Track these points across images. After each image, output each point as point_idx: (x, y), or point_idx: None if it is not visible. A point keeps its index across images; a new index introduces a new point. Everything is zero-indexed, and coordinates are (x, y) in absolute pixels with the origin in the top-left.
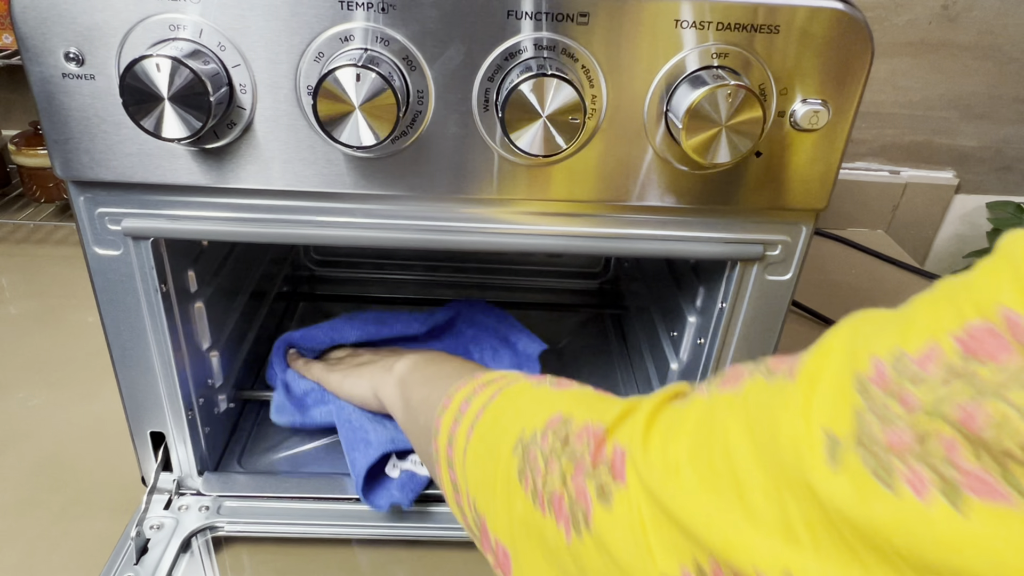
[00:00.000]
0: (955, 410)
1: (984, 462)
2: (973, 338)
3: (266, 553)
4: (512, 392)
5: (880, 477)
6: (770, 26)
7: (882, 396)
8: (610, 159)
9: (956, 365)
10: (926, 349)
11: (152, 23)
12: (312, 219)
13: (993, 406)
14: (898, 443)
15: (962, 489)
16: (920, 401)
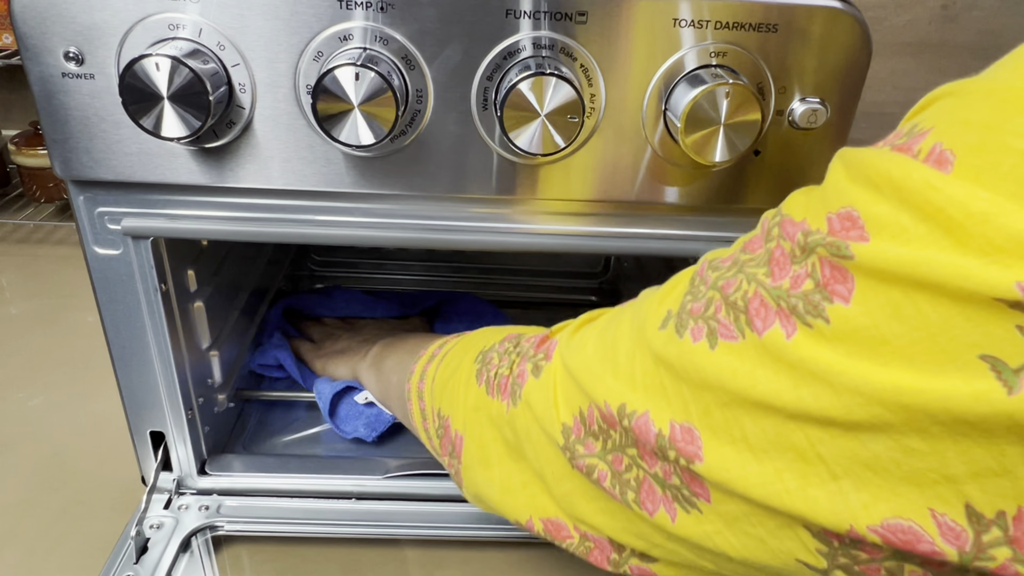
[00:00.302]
0: (723, 283)
1: (728, 315)
2: (752, 241)
3: (266, 553)
4: (479, 331)
5: (678, 331)
6: (768, 25)
7: (698, 282)
8: (609, 158)
9: (738, 258)
10: (731, 254)
11: (152, 22)
12: (312, 218)
13: (738, 277)
14: (696, 310)
15: (717, 334)
16: (711, 280)
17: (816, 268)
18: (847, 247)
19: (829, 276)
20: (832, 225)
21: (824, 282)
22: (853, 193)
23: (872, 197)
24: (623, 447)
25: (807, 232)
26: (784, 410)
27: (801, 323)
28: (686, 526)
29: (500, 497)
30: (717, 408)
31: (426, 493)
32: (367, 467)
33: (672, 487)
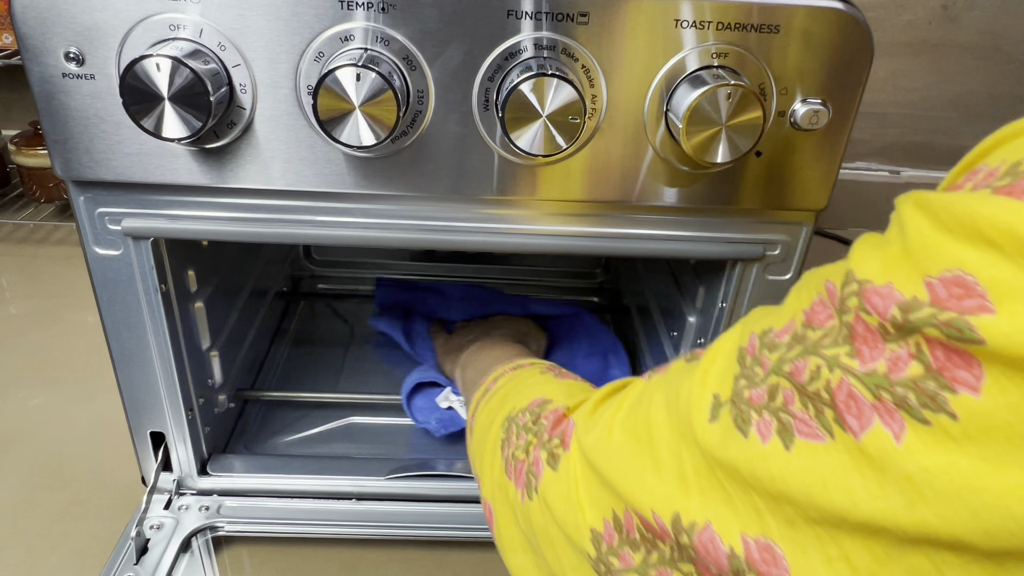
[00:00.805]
0: (789, 367)
1: (806, 406)
2: (813, 310)
3: (266, 553)
4: (521, 375)
5: (739, 426)
6: (770, 26)
7: (750, 362)
8: (610, 159)
9: (799, 332)
10: (786, 324)
11: (152, 23)
12: (312, 219)
13: (812, 360)
14: (757, 399)
15: (792, 431)
16: (771, 363)
17: (923, 349)
18: (971, 328)
19: (944, 360)
20: (936, 293)
21: (938, 367)
22: (957, 251)
23: (988, 256)
24: (675, 562)
25: (904, 306)
26: (899, 532)
27: (913, 420)
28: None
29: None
30: (804, 523)
31: (426, 494)
32: (367, 468)
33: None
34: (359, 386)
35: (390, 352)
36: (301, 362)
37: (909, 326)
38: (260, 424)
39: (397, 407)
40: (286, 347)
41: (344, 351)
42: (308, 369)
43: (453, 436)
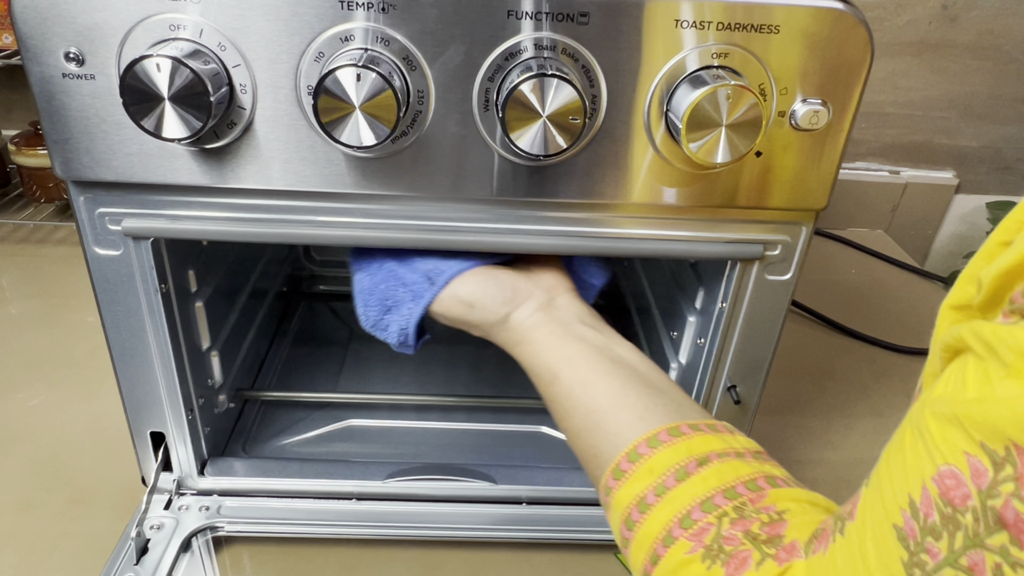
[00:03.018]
0: (967, 561)
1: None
2: (944, 483)
3: (266, 553)
4: (719, 470)
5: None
6: (770, 26)
7: (915, 548)
8: (610, 159)
9: (944, 511)
10: (921, 493)
11: (152, 23)
12: (312, 219)
13: (988, 557)
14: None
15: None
16: (940, 553)
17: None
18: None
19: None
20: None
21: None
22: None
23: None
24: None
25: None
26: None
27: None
28: None
29: None
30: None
31: (426, 494)
32: (367, 469)
33: None
34: (359, 386)
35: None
36: (301, 362)
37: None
38: (260, 424)
39: (397, 407)
40: (286, 347)
41: (344, 351)
42: (308, 369)
43: (450, 434)
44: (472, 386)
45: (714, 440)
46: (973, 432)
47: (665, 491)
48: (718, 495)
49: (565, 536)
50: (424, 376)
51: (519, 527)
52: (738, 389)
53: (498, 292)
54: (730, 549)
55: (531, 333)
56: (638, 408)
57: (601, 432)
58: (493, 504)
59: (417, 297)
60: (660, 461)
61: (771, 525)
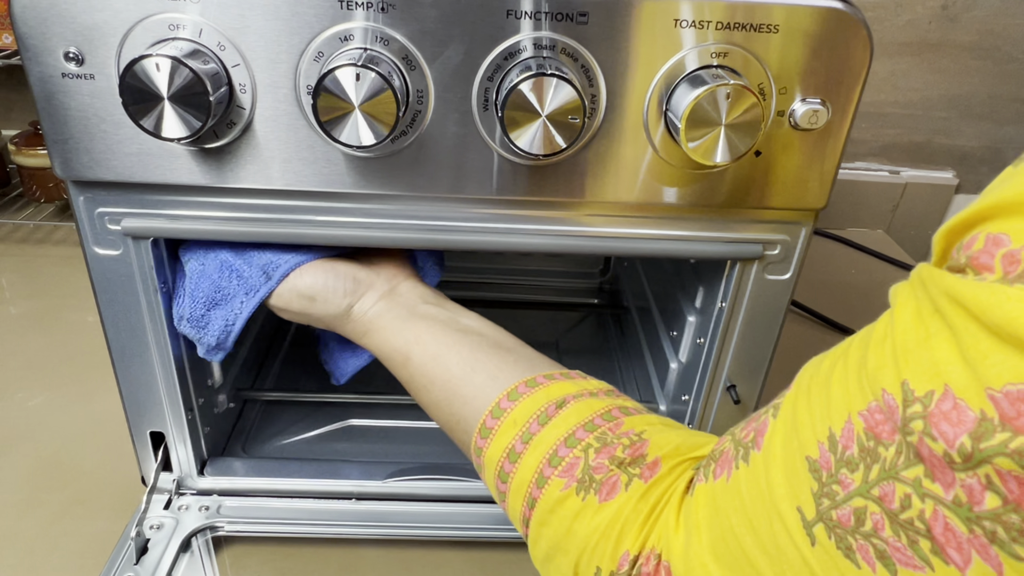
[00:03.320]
0: (878, 491)
1: (897, 534)
2: (872, 416)
3: (266, 553)
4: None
5: (846, 554)
6: (769, 26)
7: (827, 479)
8: (610, 159)
9: (865, 444)
10: (845, 427)
11: (152, 23)
12: (312, 219)
13: (899, 487)
14: (846, 521)
15: (891, 557)
16: (853, 484)
17: (994, 481)
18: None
19: (1020, 492)
20: (1002, 409)
21: (1016, 499)
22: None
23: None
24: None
25: (976, 434)
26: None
27: (1007, 556)
28: None
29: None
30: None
31: (426, 494)
32: (367, 468)
33: None
34: (359, 386)
35: None
36: (301, 362)
37: (979, 456)
38: (260, 424)
39: (397, 407)
40: (286, 347)
41: None
42: (308, 369)
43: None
44: None
45: (569, 385)
46: (903, 369)
47: (531, 437)
48: (579, 430)
49: None
50: None
51: None
52: (738, 389)
53: (339, 284)
54: (600, 477)
55: (377, 321)
56: (491, 369)
57: (460, 399)
58: (493, 504)
59: (252, 291)
60: (522, 411)
61: (632, 447)
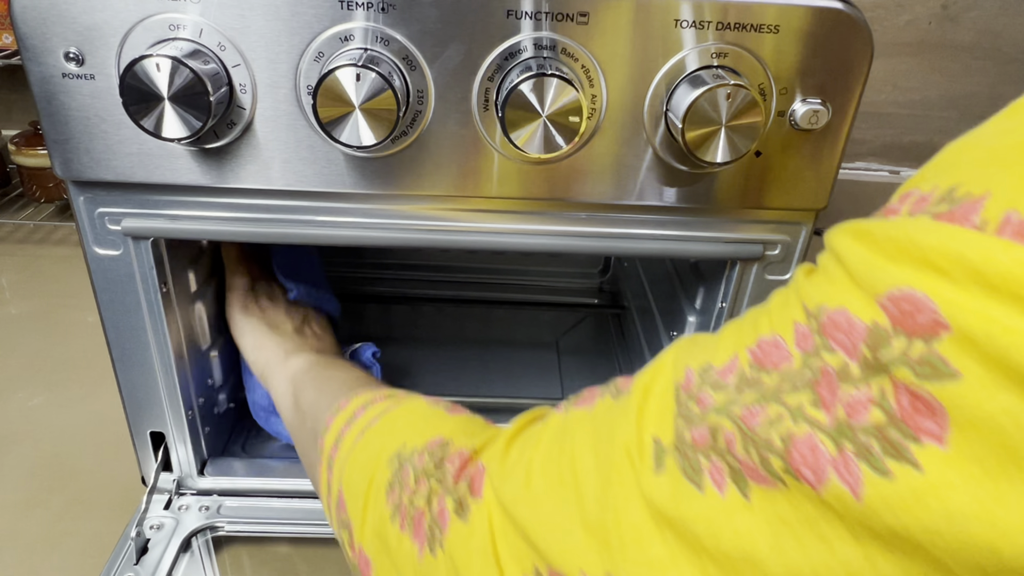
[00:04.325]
0: (741, 410)
1: (750, 452)
2: (762, 350)
3: (266, 553)
4: (407, 408)
5: (690, 477)
6: (770, 26)
7: (686, 399)
8: (610, 159)
9: (747, 374)
10: (728, 361)
11: (152, 23)
12: (312, 219)
13: (772, 408)
14: (700, 440)
15: (744, 475)
16: (713, 401)
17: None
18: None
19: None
20: (891, 313)
21: (903, 415)
22: (903, 274)
23: (937, 282)
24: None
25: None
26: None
27: (872, 471)
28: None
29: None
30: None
31: None
32: None
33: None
34: None
35: (391, 351)
36: None
37: (878, 365)
38: None
39: None
40: None
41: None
42: None
43: None
44: (477, 386)
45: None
46: (807, 302)
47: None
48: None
49: None
50: (427, 376)
51: None
52: None
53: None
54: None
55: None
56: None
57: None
58: None
59: None
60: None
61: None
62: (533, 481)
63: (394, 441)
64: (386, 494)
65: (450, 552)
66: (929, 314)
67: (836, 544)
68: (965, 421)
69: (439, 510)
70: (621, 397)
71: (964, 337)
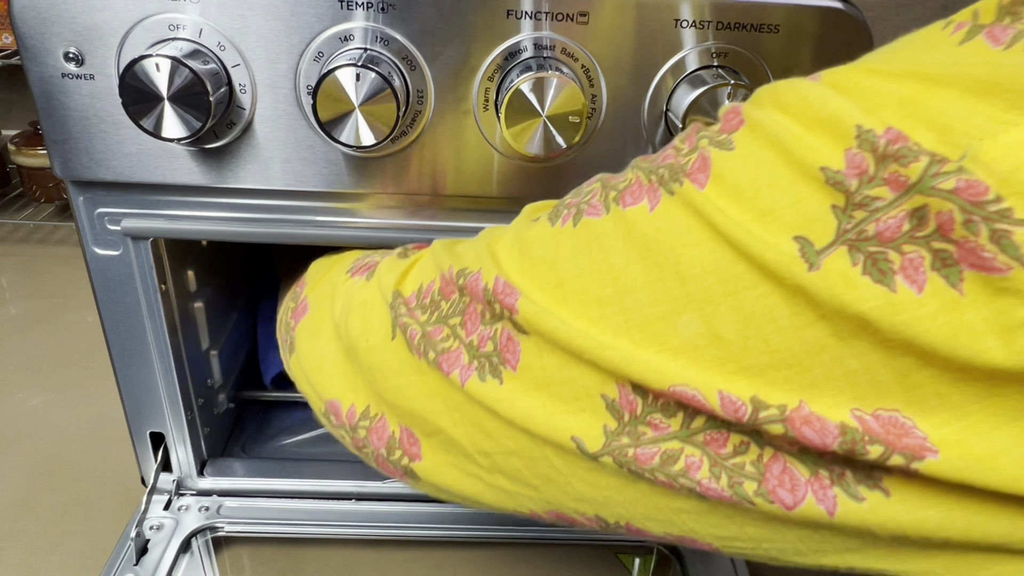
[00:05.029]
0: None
1: (602, 195)
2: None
3: (266, 553)
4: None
5: (551, 219)
6: (770, 26)
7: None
8: (610, 159)
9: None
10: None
11: (152, 23)
12: (312, 219)
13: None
14: (571, 202)
15: (583, 212)
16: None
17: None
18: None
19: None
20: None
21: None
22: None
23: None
24: (447, 318)
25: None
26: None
27: (665, 192)
28: (478, 389)
29: (314, 370)
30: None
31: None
32: (367, 469)
33: (482, 355)
34: None
35: None
36: None
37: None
38: (259, 425)
39: None
40: None
41: None
42: None
43: None
44: None
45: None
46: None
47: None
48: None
49: (565, 536)
50: None
51: (519, 527)
52: None
53: None
54: None
55: None
56: None
57: None
58: None
59: None
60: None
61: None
62: (460, 243)
63: (358, 253)
64: (349, 266)
65: (378, 274)
66: (738, 117)
67: (610, 250)
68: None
69: (382, 259)
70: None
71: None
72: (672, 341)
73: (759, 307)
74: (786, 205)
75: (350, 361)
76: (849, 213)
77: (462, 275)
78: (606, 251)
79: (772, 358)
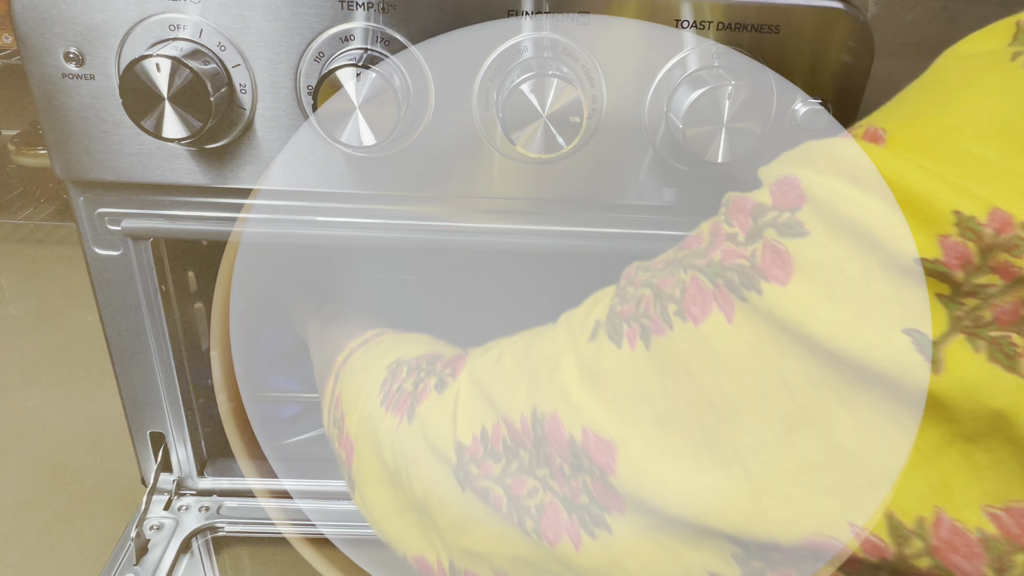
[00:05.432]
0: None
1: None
2: (687, 240)
3: (266, 553)
4: (409, 336)
5: (613, 338)
6: (770, 26)
7: (625, 284)
8: (610, 159)
9: (672, 256)
10: (661, 255)
11: (152, 23)
12: (312, 219)
13: (678, 272)
14: (626, 311)
15: (649, 331)
16: (643, 279)
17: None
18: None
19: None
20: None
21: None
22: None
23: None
24: (532, 468)
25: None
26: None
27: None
28: (591, 553)
29: (382, 519)
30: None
31: None
32: None
33: (580, 508)
34: None
35: None
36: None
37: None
38: None
39: None
40: None
41: None
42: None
43: None
44: None
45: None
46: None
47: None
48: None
49: None
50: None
51: None
52: None
53: None
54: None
55: None
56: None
57: None
58: None
59: None
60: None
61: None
62: (503, 360)
63: (395, 352)
64: (379, 387)
65: (421, 416)
66: (796, 190)
67: (697, 374)
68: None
69: (422, 389)
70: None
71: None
72: (788, 463)
73: (876, 412)
74: (885, 298)
75: (418, 515)
76: (958, 301)
77: (537, 423)
78: (692, 375)
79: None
